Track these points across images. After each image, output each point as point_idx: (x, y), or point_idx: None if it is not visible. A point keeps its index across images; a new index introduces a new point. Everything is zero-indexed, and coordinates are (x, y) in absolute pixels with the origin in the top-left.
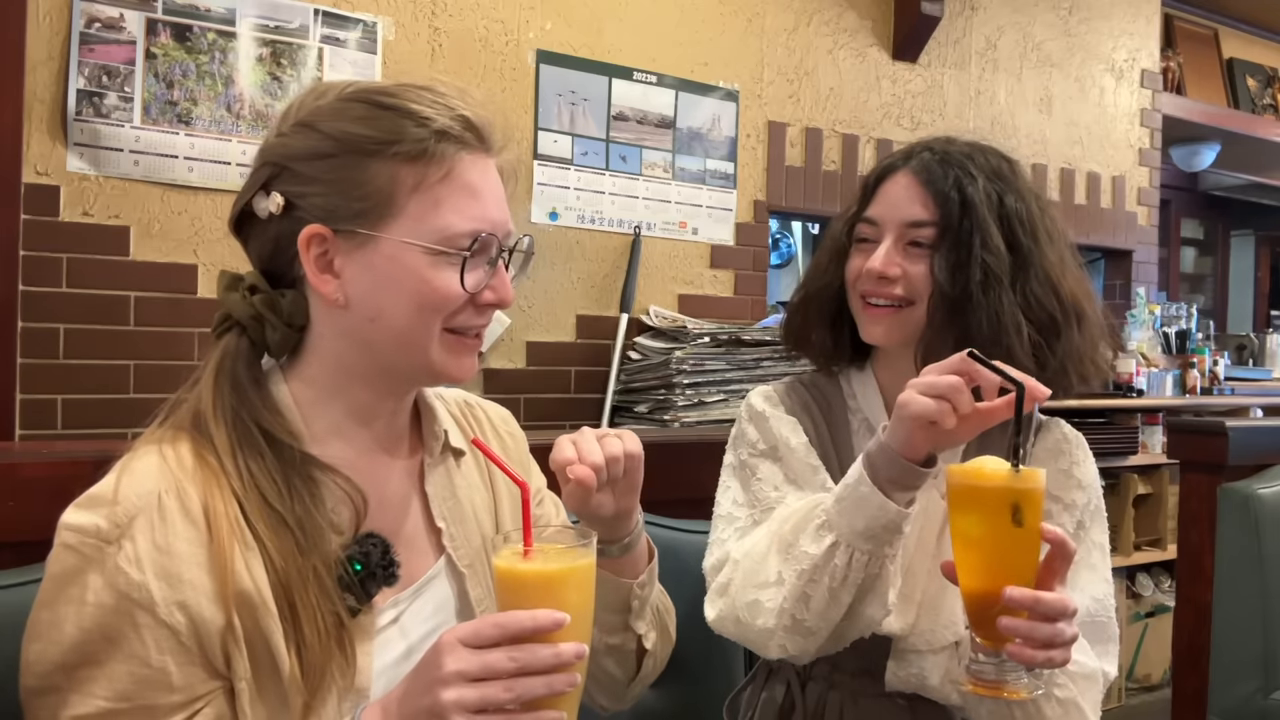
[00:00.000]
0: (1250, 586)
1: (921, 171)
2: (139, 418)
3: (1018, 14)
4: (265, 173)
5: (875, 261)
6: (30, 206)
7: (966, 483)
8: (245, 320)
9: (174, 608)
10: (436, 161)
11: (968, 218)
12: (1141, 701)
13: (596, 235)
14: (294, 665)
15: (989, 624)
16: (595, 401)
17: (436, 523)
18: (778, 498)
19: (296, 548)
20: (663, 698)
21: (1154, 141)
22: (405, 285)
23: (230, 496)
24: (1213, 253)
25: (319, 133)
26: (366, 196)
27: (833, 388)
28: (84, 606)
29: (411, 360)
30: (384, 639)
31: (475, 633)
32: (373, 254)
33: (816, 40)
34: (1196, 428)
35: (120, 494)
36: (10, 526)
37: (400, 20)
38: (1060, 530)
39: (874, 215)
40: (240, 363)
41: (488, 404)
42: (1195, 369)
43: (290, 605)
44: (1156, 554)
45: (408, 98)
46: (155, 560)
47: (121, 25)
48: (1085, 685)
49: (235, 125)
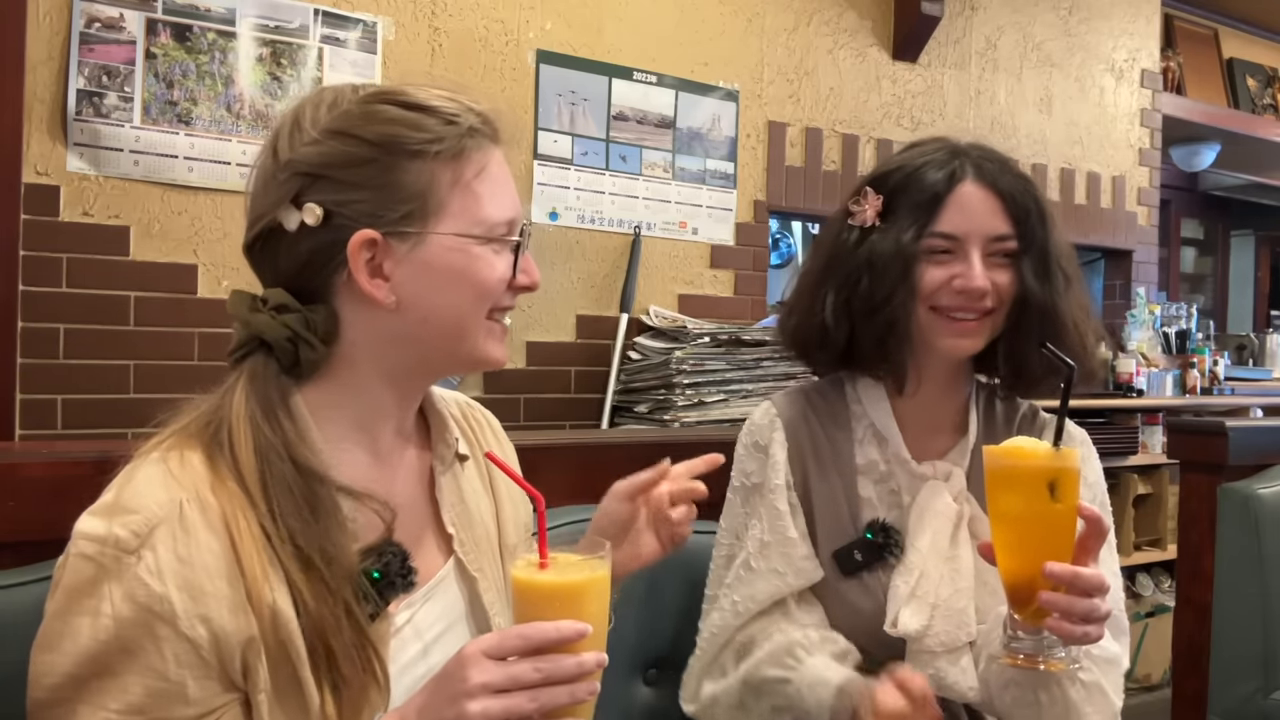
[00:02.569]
0: (1250, 586)
1: (995, 182)
2: (139, 418)
3: (1018, 14)
4: (295, 185)
5: (976, 279)
6: (30, 206)
7: (1008, 461)
8: (278, 342)
9: (196, 621)
10: (469, 157)
11: (1043, 227)
12: (1141, 701)
13: (596, 235)
14: (328, 702)
15: (1028, 601)
16: (595, 401)
17: (447, 528)
18: (747, 538)
19: (326, 588)
20: (662, 697)
21: (1154, 141)
22: (462, 278)
23: (249, 506)
24: (1213, 253)
25: (355, 138)
26: (410, 198)
27: (836, 395)
28: (100, 618)
29: (459, 350)
30: (399, 640)
31: (499, 644)
32: (425, 252)
33: (816, 40)
34: (1196, 428)
35: (138, 502)
36: (10, 526)
37: (400, 20)
38: (1095, 508)
39: (953, 230)
40: (271, 388)
41: (485, 410)
42: (1195, 369)
43: (326, 649)
44: (1156, 554)
45: (430, 98)
46: (177, 571)
47: (121, 25)
48: (1107, 668)
49: (235, 125)
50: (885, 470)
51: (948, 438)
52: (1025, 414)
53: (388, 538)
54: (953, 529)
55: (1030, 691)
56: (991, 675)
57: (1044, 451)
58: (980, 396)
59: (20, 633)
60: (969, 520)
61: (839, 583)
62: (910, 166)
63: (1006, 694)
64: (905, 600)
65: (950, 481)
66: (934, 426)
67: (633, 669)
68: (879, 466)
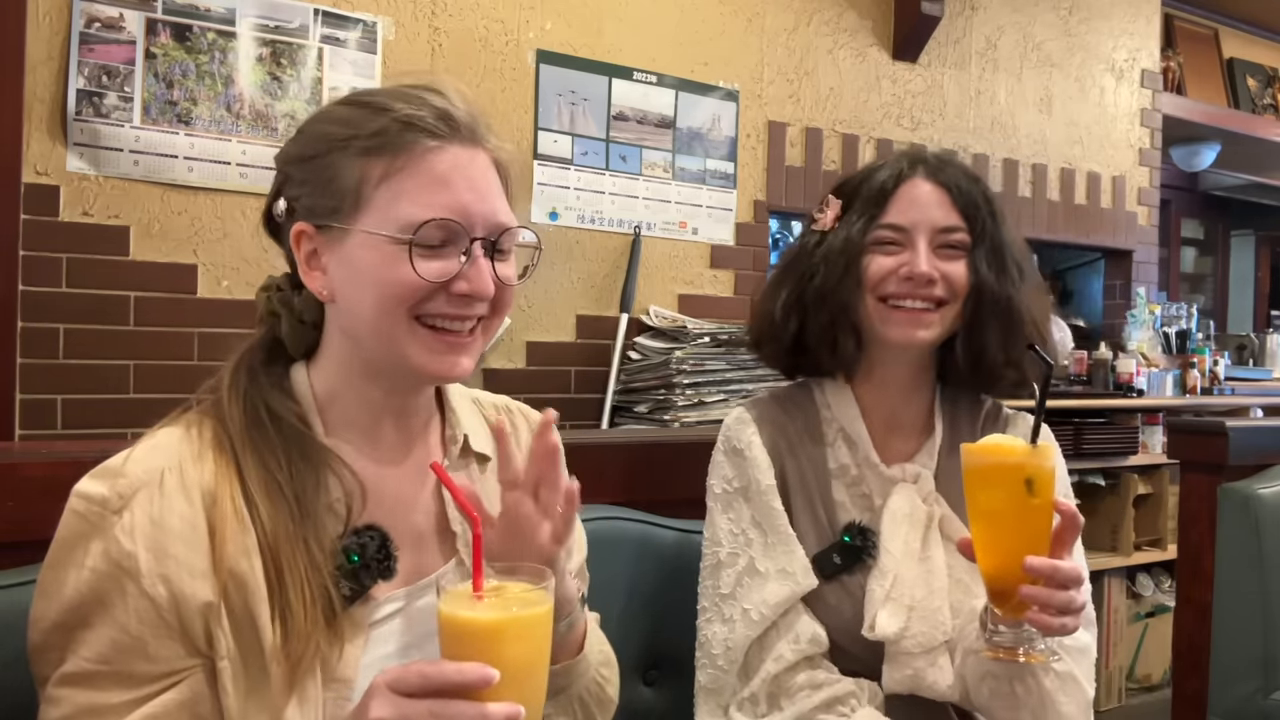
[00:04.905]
0: (1250, 586)
1: (942, 178)
2: (139, 418)
3: (1018, 14)
4: (278, 179)
5: (921, 264)
6: (30, 206)
7: (986, 459)
8: (265, 316)
9: (157, 580)
10: (401, 151)
11: (994, 221)
12: (1141, 701)
13: (596, 235)
14: (276, 634)
15: (1008, 595)
16: (595, 401)
17: (452, 526)
18: (743, 543)
19: (289, 517)
20: (661, 697)
21: (1154, 141)
22: (369, 276)
23: (235, 476)
24: (1213, 253)
25: (304, 135)
26: (339, 192)
27: (805, 398)
28: (82, 571)
29: (389, 354)
30: (380, 633)
31: (400, 678)
32: (346, 247)
33: (816, 40)
34: (1196, 428)
35: (128, 467)
36: (10, 526)
37: (400, 20)
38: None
39: (901, 221)
40: (258, 353)
41: (530, 411)
42: (1195, 369)
43: (277, 571)
44: (1156, 554)
45: (384, 93)
46: (147, 533)
47: (121, 25)
48: (1079, 657)
49: (235, 125)
50: (856, 474)
51: (914, 439)
52: (989, 412)
53: (366, 522)
54: (924, 530)
55: (1006, 683)
56: (968, 669)
57: (1021, 449)
58: (945, 398)
59: (21, 633)
60: (939, 521)
61: (820, 587)
62: (867, 172)
63: (984, 686)
64: (881, 603)
65: (919, 483)
66: (900, 428)
67: (633, 669)
68: (850, 470)
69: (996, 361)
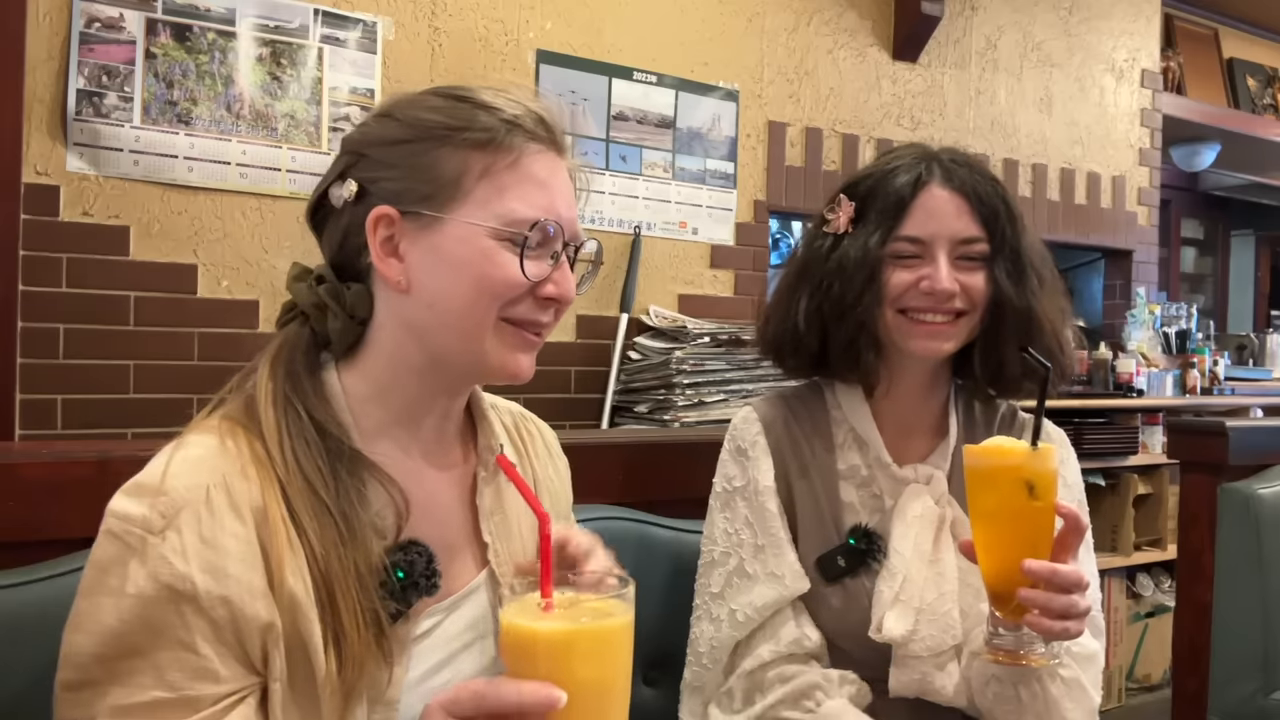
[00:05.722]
0: (1250, 586)
1: (961, 184)
2: (139, 418)
3: (1018, 14)
4: (344, 161)
5: (942, 280)
6: (30, 206)
7: (986, 460)
8: (309, 309)
9: (217, 602)
10: (505, 149)
11: (1013, 228)
12: (1141, 701)
13: (596, 235)
14: (331, 662)
15: (1008, 598)
16: (595, 401)
17: (484, 538)
18: (735, 543)
19: (339, 538)
20: (661, 698)
21: (1154, 141)
22: (467, 267)
23: (278, 491)
24: (1213, 253)
25: (395, 120)
26: (435, 180)
27: (815, 399)
28: (123, 598)
29: (466, 349)
30: (419, 650)
31: (455, 700)
32: (437, 236)
33: (816, 40)
34: (1196, 428)
35: (167, 484)
36: (10, 526)
37: (400, 20)
38: (1073, 506)
39: (919, 234)
40: (298, 351)
41: (540, 422)
42: (1195, 369)
43: (330, 598)
44: (1156, 554)
45: (482, 92)
46: (201, 553)
47: (121, 25)
48: (1086, 664)
49: (235, 125)
50: (867, 475)
51: (928, 440)
52: (1005, 415)
53: (408, 536)
54: (935, 532)
55: (1011, 687)
56: (973, 672)
57: (1022, 450)
58: (960, 399)
59: (21, 633)
60: (951, 523)
61: (823, 589)
62: (880, 173)
63: (988, 690)
64: (890, 605)
65: (931, 484)
66: (914, 429)
67: (632, 669)
68: (860, 471)
69: (1015, 374)
